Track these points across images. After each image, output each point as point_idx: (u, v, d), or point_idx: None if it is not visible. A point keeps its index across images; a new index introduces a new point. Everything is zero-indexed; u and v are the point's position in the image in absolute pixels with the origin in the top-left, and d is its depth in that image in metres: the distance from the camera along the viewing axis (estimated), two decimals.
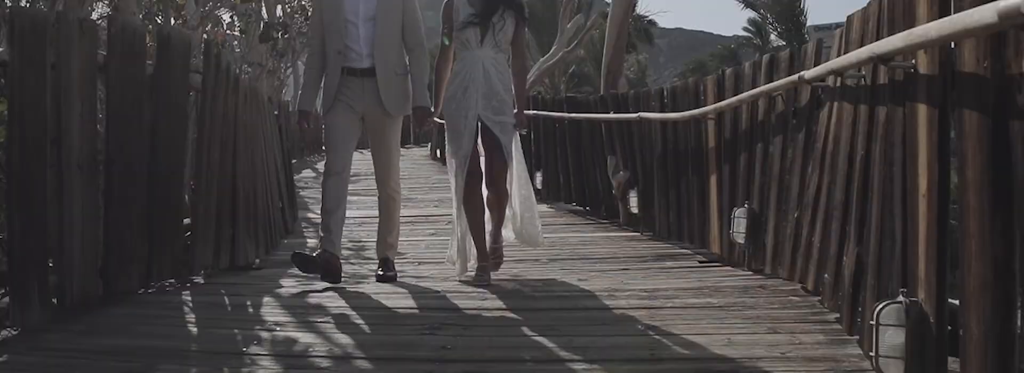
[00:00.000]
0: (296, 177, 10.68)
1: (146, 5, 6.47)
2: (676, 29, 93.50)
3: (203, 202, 4.87)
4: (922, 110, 2.71)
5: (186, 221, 4.90)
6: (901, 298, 2.67)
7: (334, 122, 4.99)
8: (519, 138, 5.30)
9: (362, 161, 6.10)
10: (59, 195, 3.70)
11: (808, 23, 31.84)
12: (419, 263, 5.68)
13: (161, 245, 4.45)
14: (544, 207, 9.42)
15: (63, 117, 3.63)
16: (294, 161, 13.88)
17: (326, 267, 4.75)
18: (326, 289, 4.65)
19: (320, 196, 5.13)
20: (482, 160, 5.08)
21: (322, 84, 5.14)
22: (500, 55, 5.16)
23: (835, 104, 3.83)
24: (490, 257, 5.01)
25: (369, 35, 4.99)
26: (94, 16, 6.00)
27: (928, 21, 2.59)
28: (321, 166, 14.85)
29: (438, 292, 4.59)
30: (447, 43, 5.18)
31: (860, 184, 3.41)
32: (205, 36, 6.56)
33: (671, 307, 4.05)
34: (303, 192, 10.52)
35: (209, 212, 4.96)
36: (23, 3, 4.79)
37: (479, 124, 5.02)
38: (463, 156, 4.96)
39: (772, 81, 4.63)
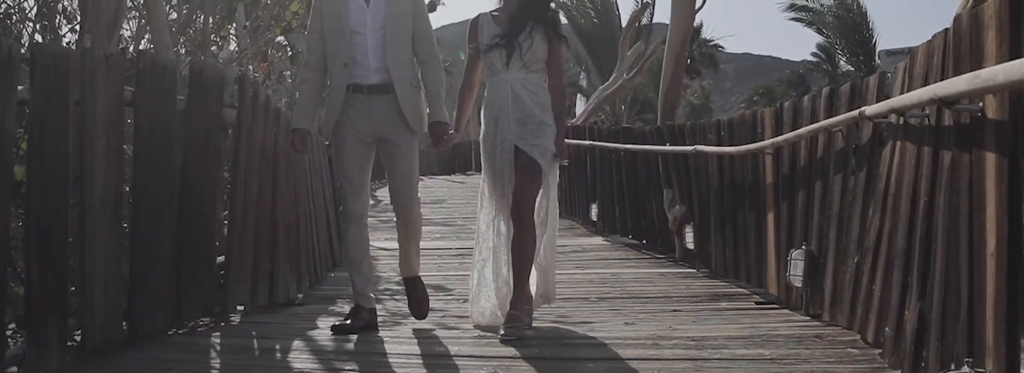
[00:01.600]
0: None
1: (195, 38, 6.42)
2: (743, 54, 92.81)
3: (238, 239, 4.74)
4: (990, 158, 2.46)
5: (221, 258, 4.78)
6: (966, 369, 2.41)
7: (344, 154, 4.52)
8: (557, 171, 4.72)
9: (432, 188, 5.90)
10: (81, 235, 3.59)
11: (879, 47, 31.04)
12: (464, 300, 5.49)
13: (191, 284, 4.33)
14: (599, 239, 9.22)
15: (87, 155, 3.53)
16: None
17: (365, 326, 4.47)
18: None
19: (343, 246, 4.75)
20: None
21: (324, 102, 4.65)
22: (532, 75, 4.63)
23: (898, 143, 3.58)
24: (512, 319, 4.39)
25: (379, 47, 4.45)
26: (142, 46, 5.92)
27: (997, 61, 2.35)
28: (380, 194, 14.74)
29: (474, 336, 4.39)
30: (463, 57, 4.74)
31: (923, 232, 3.15)
32: (249, 68, 6.49)
33: (719, 358, 3.79)
34: None
35: (245, 249, 4.83)
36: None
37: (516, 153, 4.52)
38: (505, 197, 4.52)
39: (832, 116, 4.38)
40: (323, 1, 4.57)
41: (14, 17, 5.30)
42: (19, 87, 3.18)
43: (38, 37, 5.46)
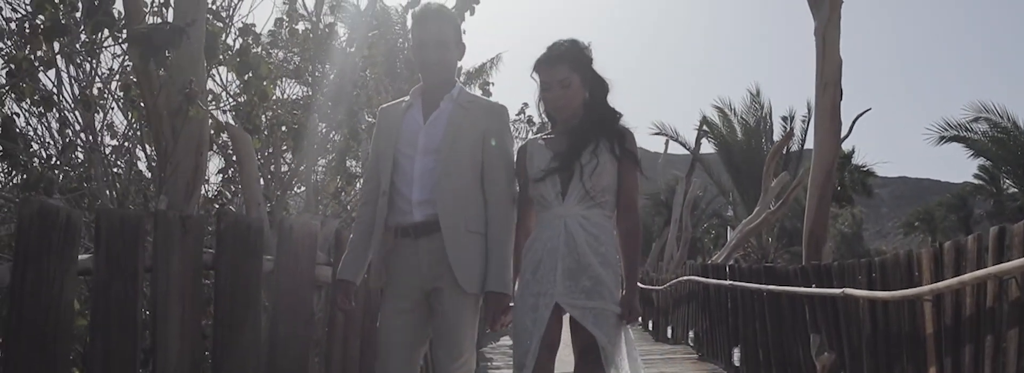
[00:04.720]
0: (479, 350, 10.21)
1: (317, 187, 6.29)
2: (899, 178, 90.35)
3: None
4: None
5: None
6: None
7: (388, 323, 3.62)
8: (629, 335, 3.62)
9: None
10: None
11: None
12: None
13: None
14: None
15: (159, 326, 3.26)
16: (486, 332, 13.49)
17: None
18: None
19: None
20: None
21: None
22: (595, 211, 3.56)
23: None
24: None
25: (425, 173, 3.48)
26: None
27: None
28: (504, 340, 14.09)
29: None
30: (519, 194, 3.72)
31: None
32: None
33: None
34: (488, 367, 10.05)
35: None
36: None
37: (561, 314, 3.50)
38: (527, 366, 3.47)
39: (1002, 261, 3.81)
40: (382, 116, 3.79)
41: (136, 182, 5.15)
42: (82, 256, 2.96)
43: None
